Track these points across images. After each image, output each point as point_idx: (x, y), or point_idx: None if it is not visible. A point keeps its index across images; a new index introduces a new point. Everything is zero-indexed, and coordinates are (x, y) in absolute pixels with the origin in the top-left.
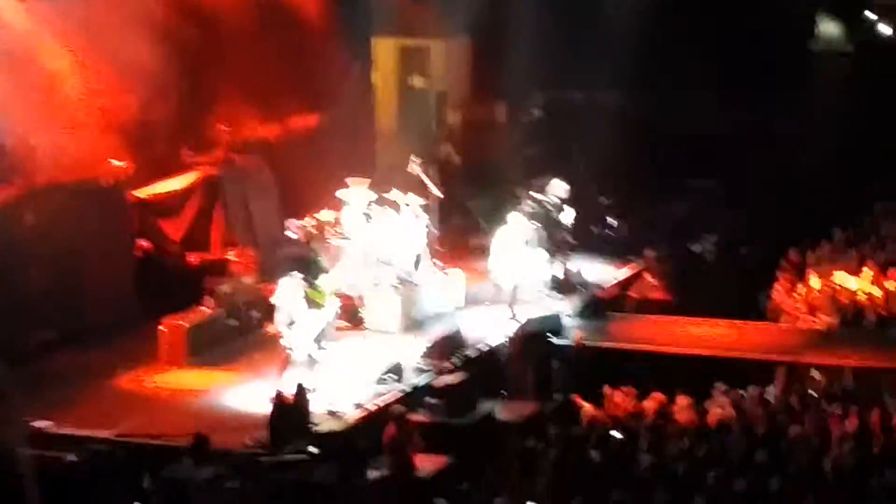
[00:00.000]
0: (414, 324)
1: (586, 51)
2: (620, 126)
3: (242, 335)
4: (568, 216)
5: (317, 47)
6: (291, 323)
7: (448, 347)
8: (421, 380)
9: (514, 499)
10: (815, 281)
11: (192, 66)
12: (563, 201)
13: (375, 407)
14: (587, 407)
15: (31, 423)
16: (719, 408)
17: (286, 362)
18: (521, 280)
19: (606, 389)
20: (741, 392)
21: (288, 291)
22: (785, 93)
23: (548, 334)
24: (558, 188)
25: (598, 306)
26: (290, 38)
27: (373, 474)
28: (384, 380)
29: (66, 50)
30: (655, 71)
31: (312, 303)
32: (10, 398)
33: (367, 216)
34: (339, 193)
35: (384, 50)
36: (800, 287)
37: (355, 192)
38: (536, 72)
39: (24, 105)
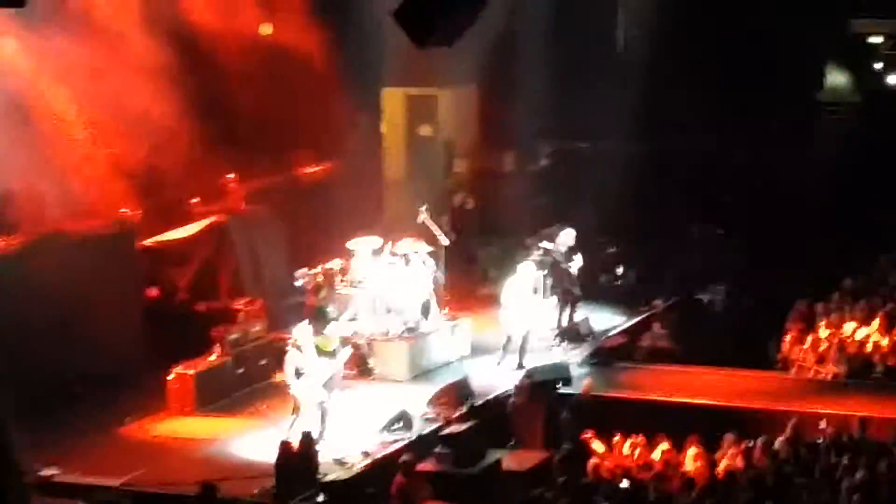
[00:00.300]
0: (422, 372)
1: (593, 100)
2: (627, 175)
3: (250, 384)
4: (577, 264)
5: (325, 96)
6: (300, 371)
7: (456, 396)
8: (429, 428)
9: None
10: (823, 331)
11: (200, 114)
12: (573, 249)
13: (383, 456)
14: (598, 448)
15: (38, 471)
16: (728, 458)
17: (297, 411)
18: (531, 329)
19: (615, 439)
20: (749, 442)
21: (297, 340)
22: (793, 140)
23: (556, 383)
24: (568, 237)
25: (606, 355)
26: (299, 87)
27: None
28: (392, 428)
29: (73, 97)
30: (663, 120)
31: (321, 351)
32: (13, 452)
33: (376, 265)
34: (349, 243)
35: (392, 99)
36: (808, 337)
37: (364, 242)
38: (544, 121)
39: (32, 152)
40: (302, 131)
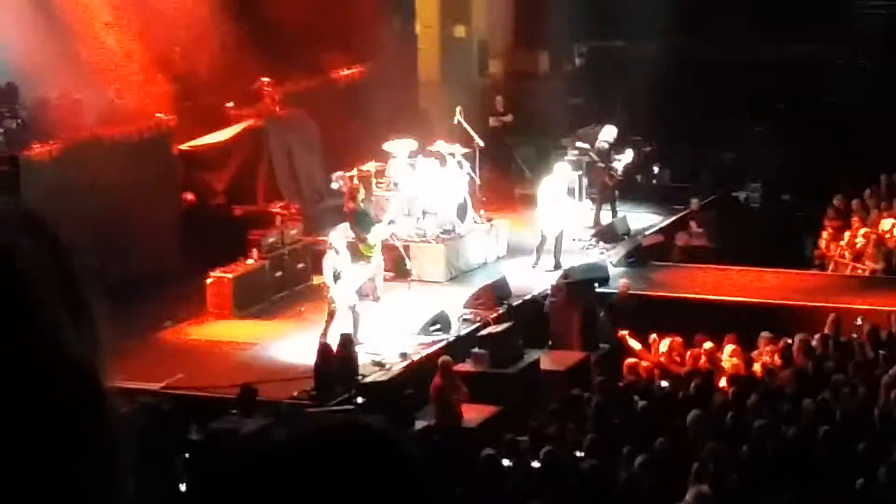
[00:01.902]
0: (459, 273)
1: None
2: (663, 74)
3: (287, 287)
4: (625, 160)
5: None
6: (337, 275)
7: (493, 296)
8: (466, 329)
9: (560, 448)
10: (860, 228)
11: (234, 17)
12: (617, 146)
13: (421, 357)
14: (635, 347)
15: None
16: (765, 356)
17: (332, 314)
18: (564, 229)
19: (652, 338)
20: (787, 340)
21: (334, 243)
22: (831, 35)
23: (593, 283)
24: (610, 133)
25: (643, 255)
26: None
27: (419, 424)
28: (430, 330)
29: (109, 2)
30: (698, 17)
31: (359, 255)
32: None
33: (412, 167)
34: (385, 145)
35: None
36: (845, 234)
37: (400, 144)
38: (578, 20)
39: (69, 58)
40: (336, 33)
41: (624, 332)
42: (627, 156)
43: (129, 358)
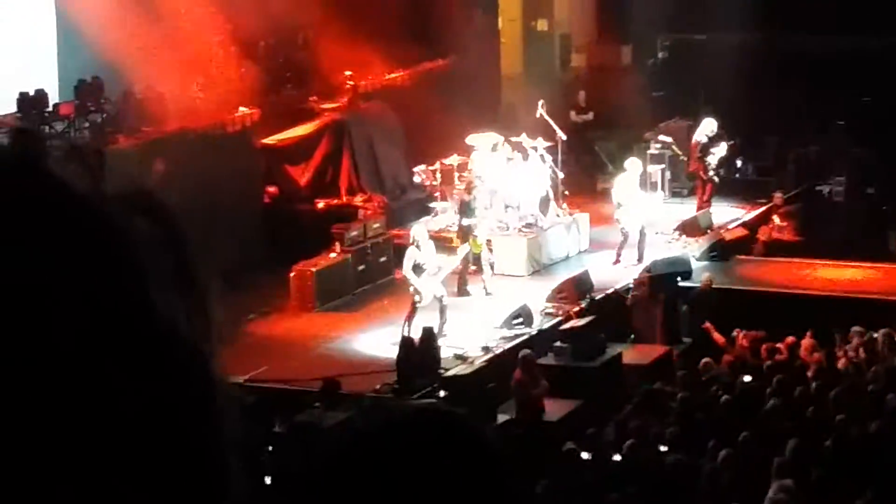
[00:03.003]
0: (541, 267)
1: None
2: (746, 67)
3: (370, 281)
4: (719, 153)
5: None
6: (419, 267)
7: (575, 290)
8: (548, 323)
9: (643, 442)
10: None
11: (318, 12)
12: (712, 139)
13: (503, 351)
14: (718, 341)
15: None
16: (850, 350)
17: (414, 307)
18: (645, 224)
19: (735, 332)
20: (872, 334)
21: (416, 236)
22: None
23: (675, 277)
24: (708, 127)
25: (726, 248)
26: None
27: (501, 418)
28: (512, 323)
29: None
30: (780, 10)
31: (444, 248)
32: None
33: (495, 160)
34: (468, 138)
35: None
36: None
37: (483, 137)
38: (660, 13)
39: (153, 52)
40: (419, 27)
41: (707, 327)
42: (722, 149)
43: None
